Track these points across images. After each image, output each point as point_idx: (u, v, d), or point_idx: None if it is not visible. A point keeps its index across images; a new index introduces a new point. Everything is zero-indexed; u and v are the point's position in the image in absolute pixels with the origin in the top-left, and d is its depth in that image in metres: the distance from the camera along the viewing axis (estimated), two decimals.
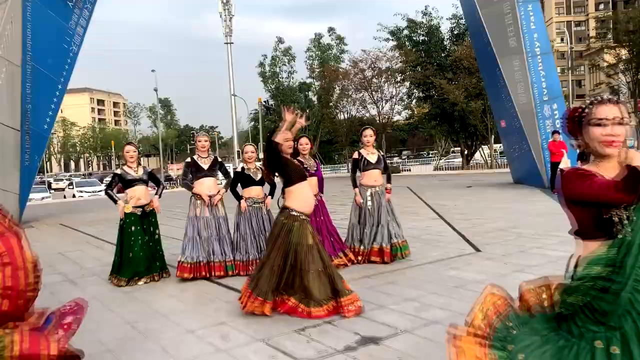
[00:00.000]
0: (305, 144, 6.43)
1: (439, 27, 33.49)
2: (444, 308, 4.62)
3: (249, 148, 6.46)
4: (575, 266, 2.06)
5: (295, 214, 4.56)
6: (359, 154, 6.66)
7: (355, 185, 6.65)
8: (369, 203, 6.51)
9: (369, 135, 6.62)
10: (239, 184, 6.46)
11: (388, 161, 6.95)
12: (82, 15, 14.87)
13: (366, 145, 6.65)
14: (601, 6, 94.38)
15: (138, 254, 6.24)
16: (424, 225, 9.39)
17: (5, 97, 12.88)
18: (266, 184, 6.46)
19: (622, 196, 1.84)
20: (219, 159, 6.59)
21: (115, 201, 6.41)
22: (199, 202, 6.26)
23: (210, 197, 6.28)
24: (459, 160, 38.54)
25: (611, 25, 36.81)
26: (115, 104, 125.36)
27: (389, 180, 6.78)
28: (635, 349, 1.82)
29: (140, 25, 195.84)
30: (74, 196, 30.43)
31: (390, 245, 6.45)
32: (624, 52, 32.01)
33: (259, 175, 6.35)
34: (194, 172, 6.35)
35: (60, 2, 14.18)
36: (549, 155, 14.32)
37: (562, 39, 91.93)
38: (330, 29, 41.33)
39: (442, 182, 21.40)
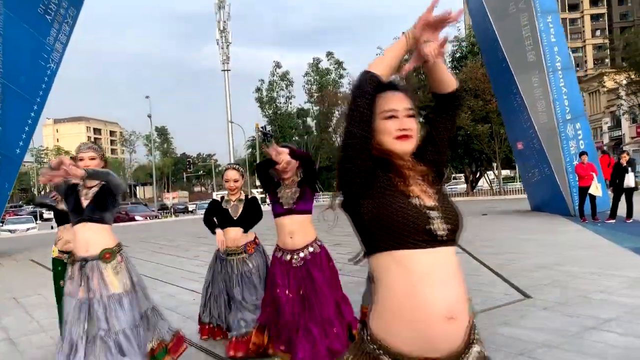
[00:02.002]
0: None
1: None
2: None
3: (231, 174, 4.40)
4: None
5: None
6: None
7: None
8: None
9: None
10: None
11: None
12: (62, 30, 13.67)
13: None
14: (597, 32, 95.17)
15: None
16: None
17: None
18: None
19: None
20: (114, 181, 3.39)
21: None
22: (71, 269, 3.45)
23: (86, 260, 3.32)
24: (461, 187, 37.31)
25: (608, 52, 36.34)
26: (112, 133, 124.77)
27: None
28: None
29: (138, 56, 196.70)
30: (52, 228, 28.90)
31: None
32: (624, 77, 31.17)
33: (240, 210, 4.39)
34: (69, 207, 3.53)
35: (37, 15, 12.95)
36: (574, 179, 12.99)
37: None
38: (329, 54, 40.56)
39: None
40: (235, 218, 4.36)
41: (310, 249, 3.73)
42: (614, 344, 3.94)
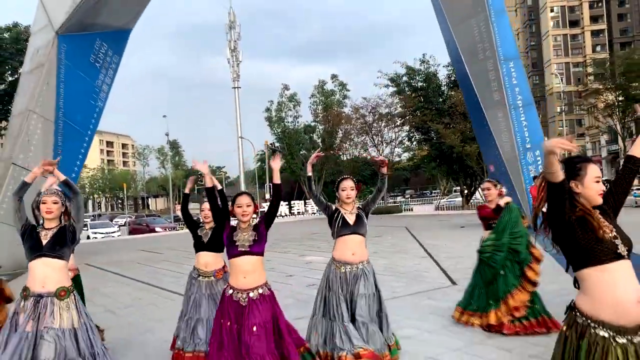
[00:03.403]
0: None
1: (437, 73, 35.18)
2: (415, 327, 5.85)
3: (207, 206, 4.98)
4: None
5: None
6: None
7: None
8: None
9: (349, 187, 4.75)
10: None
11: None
12: (108, 74, 16.53)
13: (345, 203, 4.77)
14: (598, 48, 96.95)
15: None
16: (414, 263, 10.64)
17: (41, 150, 14.38)
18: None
19: None
20: (80, 202, 3.87)
21: None
22: (24, 303, 3.65)
23: (41, 296, 3.60)
24: (459, 200, 39.73)
25: (607, 67, 38.68)
26: (124, 146, 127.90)
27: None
28: None
29: (148, 68, 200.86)
30: (88, 237, 31.14)
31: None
32: (611, 97, 33.62)
33: (209, 236, 5.01)
34: (26, 246, 3.73)
35: (89, 64, 15.84)
36: (530, 198, 15.56)
37: (561, 80, 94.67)
38: (334, 76, 43.35)
39: (440, 222, 22.61)
40: (205, 242, 4.98)
41: (260, 291, 3.92)
42: None
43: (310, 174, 4.75)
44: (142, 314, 7.58)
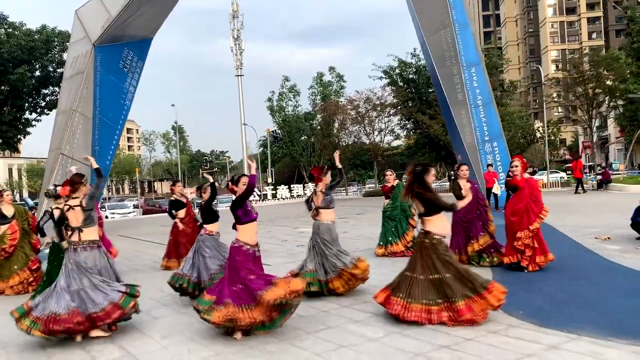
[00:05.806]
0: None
1: (427, 66, 38.03)
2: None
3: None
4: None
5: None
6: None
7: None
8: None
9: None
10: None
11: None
12: (134, 77, 19.65)
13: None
14: (594, 35, 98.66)
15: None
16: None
17: (82, 142, 17.56)
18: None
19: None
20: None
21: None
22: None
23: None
24: (448, 184, 42.80)
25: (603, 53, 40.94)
26: (128, 130, 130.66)
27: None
28: None
29: (151, 53, 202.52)
30: (107, 217, 34.21)
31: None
32: (580, 89, 36.38)
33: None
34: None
35: (118, 69, 18.95)
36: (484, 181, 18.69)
37: (557, 67, 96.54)
38: (331, 68, 46.42)
39: None
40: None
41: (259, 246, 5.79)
42: None
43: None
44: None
